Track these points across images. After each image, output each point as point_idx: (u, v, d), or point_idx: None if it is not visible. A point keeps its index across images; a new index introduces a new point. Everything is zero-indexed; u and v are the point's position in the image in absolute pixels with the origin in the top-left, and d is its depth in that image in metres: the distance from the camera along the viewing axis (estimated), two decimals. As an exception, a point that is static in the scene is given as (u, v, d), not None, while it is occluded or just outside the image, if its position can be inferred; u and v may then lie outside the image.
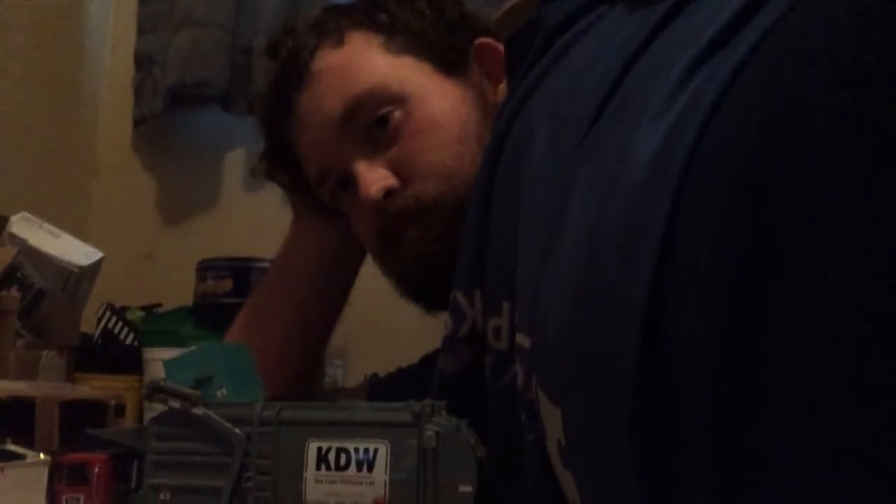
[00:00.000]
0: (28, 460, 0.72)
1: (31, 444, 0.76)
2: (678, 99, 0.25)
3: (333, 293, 0.76)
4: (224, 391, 0.45)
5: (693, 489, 0.19)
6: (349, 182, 0.64)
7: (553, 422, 0.28)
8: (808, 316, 0.17)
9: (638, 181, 0.24)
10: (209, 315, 1.09)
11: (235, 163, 1.55)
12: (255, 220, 1.48)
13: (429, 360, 0.67)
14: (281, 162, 0.71)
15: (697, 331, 0.20)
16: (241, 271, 1.13)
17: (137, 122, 1.52)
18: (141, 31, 1.51)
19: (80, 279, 1.07)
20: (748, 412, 0.18)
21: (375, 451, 0.42)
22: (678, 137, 0.22)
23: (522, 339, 0.37)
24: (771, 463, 0.17)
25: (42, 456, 0.72)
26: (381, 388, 0.85)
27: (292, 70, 0.66)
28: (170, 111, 1.48)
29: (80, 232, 1.20)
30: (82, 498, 0.42)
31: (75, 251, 1.08)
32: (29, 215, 1.08)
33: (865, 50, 0.18)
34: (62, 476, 0.42)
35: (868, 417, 0.16)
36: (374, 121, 0.62)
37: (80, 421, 0.81)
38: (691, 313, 0.20)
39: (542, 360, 0.32)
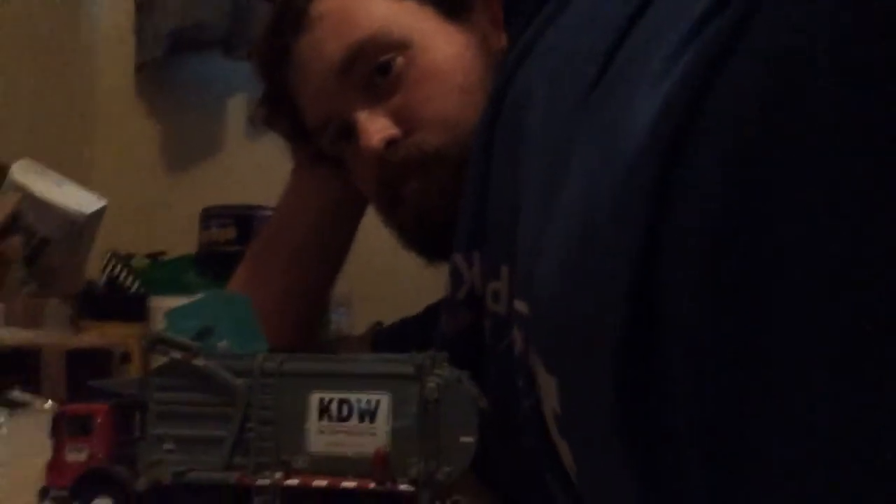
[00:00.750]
0: (37, 408, 0.73)
1: (37, 392, 0.77)
2: (678, 64, 0.24)
3: (335, 243, 0.75)
4: (226, 342, 0.45)
5: (689, 485, 0.19)
6: (350, 131, 0.62)
7: (549, 390, 0.27)
8: (809, 313, 0.17)
9: (633, 150, 0.23)
10: (213, 263, 1.09)
11: (238, 109, 1.53)
12: (258, 166, 1.47)
13: (432, 310, 0.67)
14: (280, 109, 0.69)
15: (690, 320, 0.19)
16: (244, 219, 1.13)
17: (139, 68, 1.51)
18: (139, -27, 1.48)
19: (83, 227, 1.07)
20: (747, 409, 0.18)
21: (377, 402, 0.42)
22: (675, 106, 0.21)
23: (521, 305, 0.36)
24: (772, 462, 0.17)
25: (49, 403, 0.73)
26: (385, 337, 0.86)
27: (290, 14, 0.64)
28: (171, 57, 1.46)
29: (83, 180, 1.20)
30: (86, 447, 0.42)
31: (79, 199, 1.08)
32: (31, 162, 1.07)
33: (860, 36, 0.17)
34: (65, 426, 0.43)
35: (868, 417, 0.16)
36: (376, 68, 0.60)
37: (85, 369, 0.82)
38: (684, 298, 0.20)
39: (538, 327, 0.31)
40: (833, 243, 0.16)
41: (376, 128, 0.59)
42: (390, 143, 0.59)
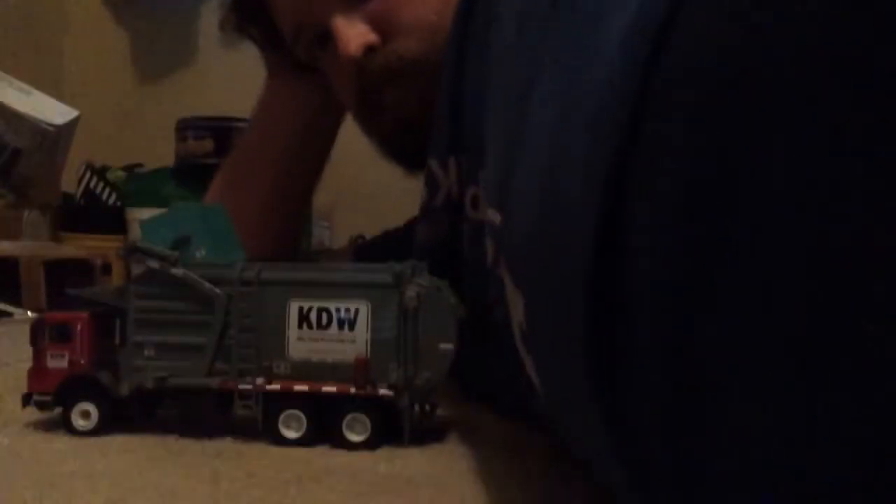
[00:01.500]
0: (17, 317, 0.73)
1: (18, 303, 0.77)
2: None
3: (313, 153, 0.74)
4: (202, 252, 0.45)
5: (651, 408, 0.19)
6: (326, 38, 0.60)
7: (516, 304, 0.27)
8: (755, 309, 0.17)
9: (603, 81, 0.22)
10: (190, 176, 1.07)
11: (213, 16, 1.48)
12: (234, 76, 1.43)
13: (414, 224, 0.67)
14: (251, 15, 0.66)
15: (655, 256, 0.19)
16: (221, 131, 1.11)
17: (106, -28, 1.44)
18: None
19: (56, 138, 1.04)
20: (702, 344, 0.18)
21: (357, 310, 0.43)
22: (645, 33, 0.20)
23: (494, 215, 0.36)
24: (729, 392, 0.17)
25: (29, 313, 0.73)
26: (367, 250, 0.86)
27: None
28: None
29: (54, 91, 1.16)
30: (67, 354, 0.42)
31: (50, 110, 1.05)
32: (0, 73, 1.04)
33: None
34: (45, 334, 0.43)
35: (812, 444, 0.15)
36: None
37: (66, 280, 0.82)
38: (647, 258, 0.19)
39: (509, 241, 0.31)
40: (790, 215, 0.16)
41: (354, 34, 0.57)
42: (369, 49, 0.57)
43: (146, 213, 0.76)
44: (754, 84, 0.17)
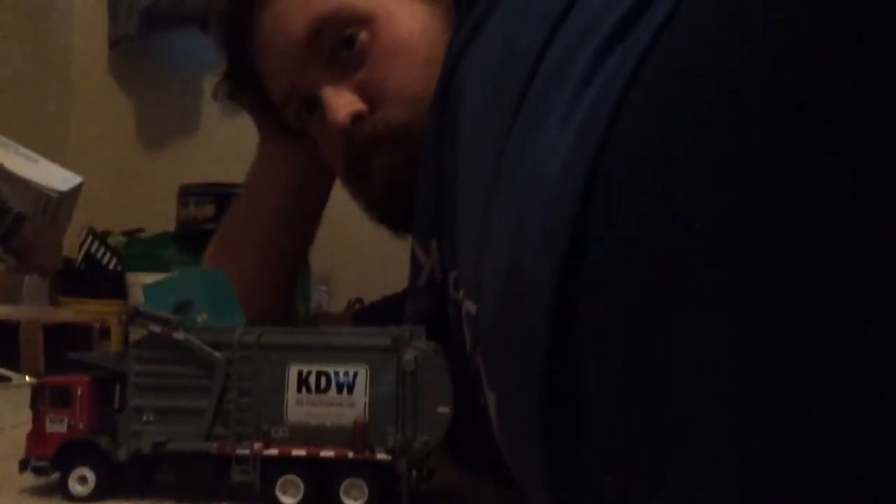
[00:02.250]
0: (15, 382, 0.73)
1: (16, 367, 0.77)
2: (584, 98, 0.24)
3: (305, 215, 0.75)
4: (204, 316, 0.45)
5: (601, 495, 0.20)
6: (315, 105, 0.62)
7: (490, 400, 0.28)
8: (705, 379, 0.18)
9: (550, 192, 0.24)
10: (192, 241, 1.09)
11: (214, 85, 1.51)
12: (235, 143, 1.45)
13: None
14: (244, 83, 0.68)
15: (603, 356, 0.20)
16: (222, 197, 1.12)
17: (113, 44, 1.49)
18: (114, -53, 1.45)
19: (59, 204, 1.06)
20: (651, 441, 0.19)
21: (355, 374, 0.43)
22: (582, 148, 0.22)
23: (470, 306, 0.37)
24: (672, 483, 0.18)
25: (28, 378, 0.73)
26: (365, 314, 0.86)
27: None
28: (146, 33, 1.44)
29: (58, 156, 1.19)
30: (66, 419, 0.42)
31: (54, 176, 1.07)
32: (4, 139, 1.06)
33: (748, 65, 0.18)
34: (46, 398, 0.43)
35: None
36: (340, 42, 0.60)
37: (65, 344, 0.82)
38: (598, 337, 0.21)
39: (483, 337, 0.32)
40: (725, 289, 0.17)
41: (342, 103, 0.59)
42: (356, 118, 0.59)
43: (147, 278, 0.77)
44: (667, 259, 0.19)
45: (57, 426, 0.43)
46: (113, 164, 1.53)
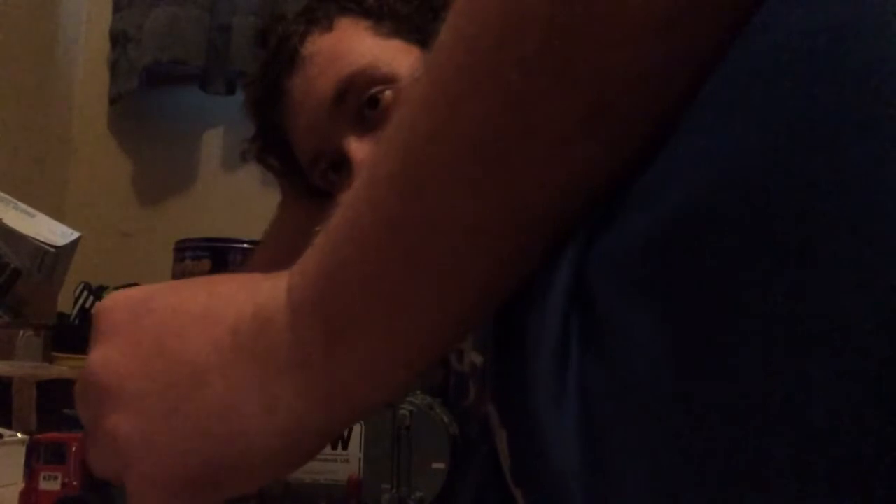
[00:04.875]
0: (6, 439, 0.73)
1: (8, 424, 0.76)
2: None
3: None
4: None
5: None
6: (342, 164, 0.65)
7: (501, 441, 0.28)
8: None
9: None
10: (187, 295, 1.09)
11: (213, 142, 1.54)
12: (232, 199, 1.47)
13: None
14: (271, 146, 0.72)
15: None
16: (219, 251, 1.13)
17: (113, 101, 1.51)
18: (116, 7, 1.49)
19: (56, 259, 1.06)
20: None
21: (350, 429, 0.43)
22: None
23: (475, 357, 0.37)
24: None
25: (19, 435, 0.72)
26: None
27: (283, 56, 0.67)
28: (146, 90, 1.47)
29: (56, 211, 1.20)
30: (60, 476, 0.42)
31: (51, 231, 1.08)
32: (2, 194, 1.07)
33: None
34: (40, 455, 0.43)
35: None
36: (366, 101, 0.63)
37: (58, 400, 0.82)
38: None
39: (492, 380, 0.32)
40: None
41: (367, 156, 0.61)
42: None
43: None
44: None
45: (51, 484, 0.43)
46: (110, 219, 1.54)
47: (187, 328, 0.28)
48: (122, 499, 0.43)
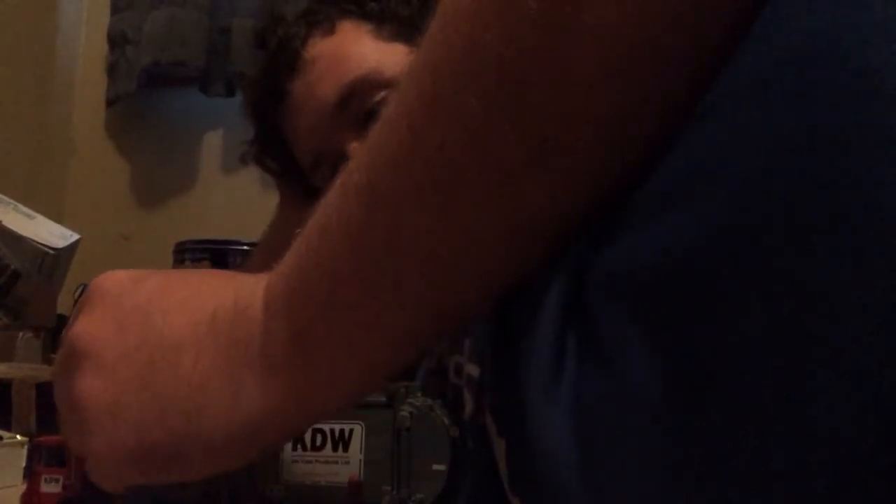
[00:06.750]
0: (5, 441, 0.73)
1: (7, 426, 0.76)
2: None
3: None
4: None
5: None
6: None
7: (500, 451, 0.28)
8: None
9: None
10: (187, 297, 1.09)
11: (212, 144, 1.54)
12: (232, 201, 1.47)
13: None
14: (270, 148, 0.72)
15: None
16: (218, 253, 1.13)
17: (111, 102, 1.51)
18: (115, 9, 1.49)
19: (56, 261, 1.06)
20: None
21: (351, 431, 0.43)
22: None
23: (472, 368, 0.37)
24: None
25: (19, 437, 0.72)
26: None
27: (283, 58, 0.67)
28: (144, 91, 1.47)
29: (56, 213, 1.20)
30: (61, 479, 0.42)
31: (51, 233, 1.08)
32: (2, 196, 1.07)
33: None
34: (41, 457, 0.43)
35: None
36: (370, 107, 0.63)
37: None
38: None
39: (489, 390, 0.32)
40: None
41: None
42: None
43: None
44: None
45: (52, 486, 0.43)
46: (110, 221, 1.54)
47: (171, 309, 0.29)
48: (121, 500, 0.43)
